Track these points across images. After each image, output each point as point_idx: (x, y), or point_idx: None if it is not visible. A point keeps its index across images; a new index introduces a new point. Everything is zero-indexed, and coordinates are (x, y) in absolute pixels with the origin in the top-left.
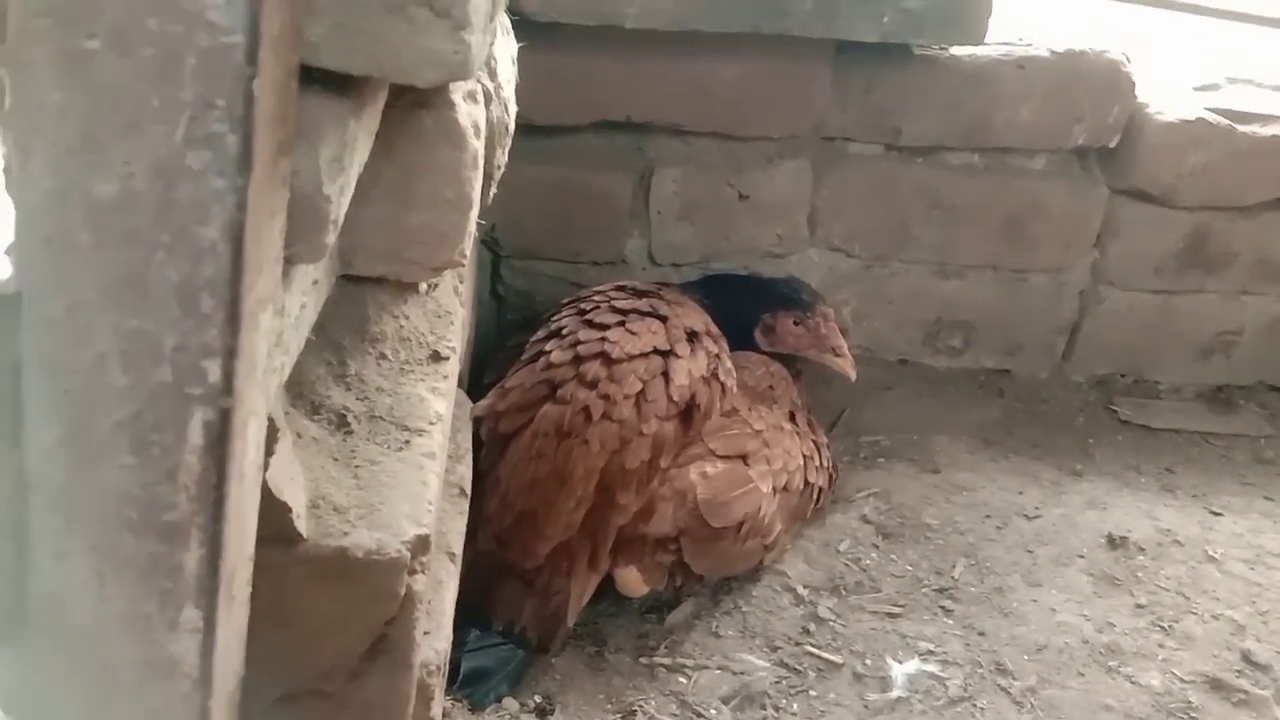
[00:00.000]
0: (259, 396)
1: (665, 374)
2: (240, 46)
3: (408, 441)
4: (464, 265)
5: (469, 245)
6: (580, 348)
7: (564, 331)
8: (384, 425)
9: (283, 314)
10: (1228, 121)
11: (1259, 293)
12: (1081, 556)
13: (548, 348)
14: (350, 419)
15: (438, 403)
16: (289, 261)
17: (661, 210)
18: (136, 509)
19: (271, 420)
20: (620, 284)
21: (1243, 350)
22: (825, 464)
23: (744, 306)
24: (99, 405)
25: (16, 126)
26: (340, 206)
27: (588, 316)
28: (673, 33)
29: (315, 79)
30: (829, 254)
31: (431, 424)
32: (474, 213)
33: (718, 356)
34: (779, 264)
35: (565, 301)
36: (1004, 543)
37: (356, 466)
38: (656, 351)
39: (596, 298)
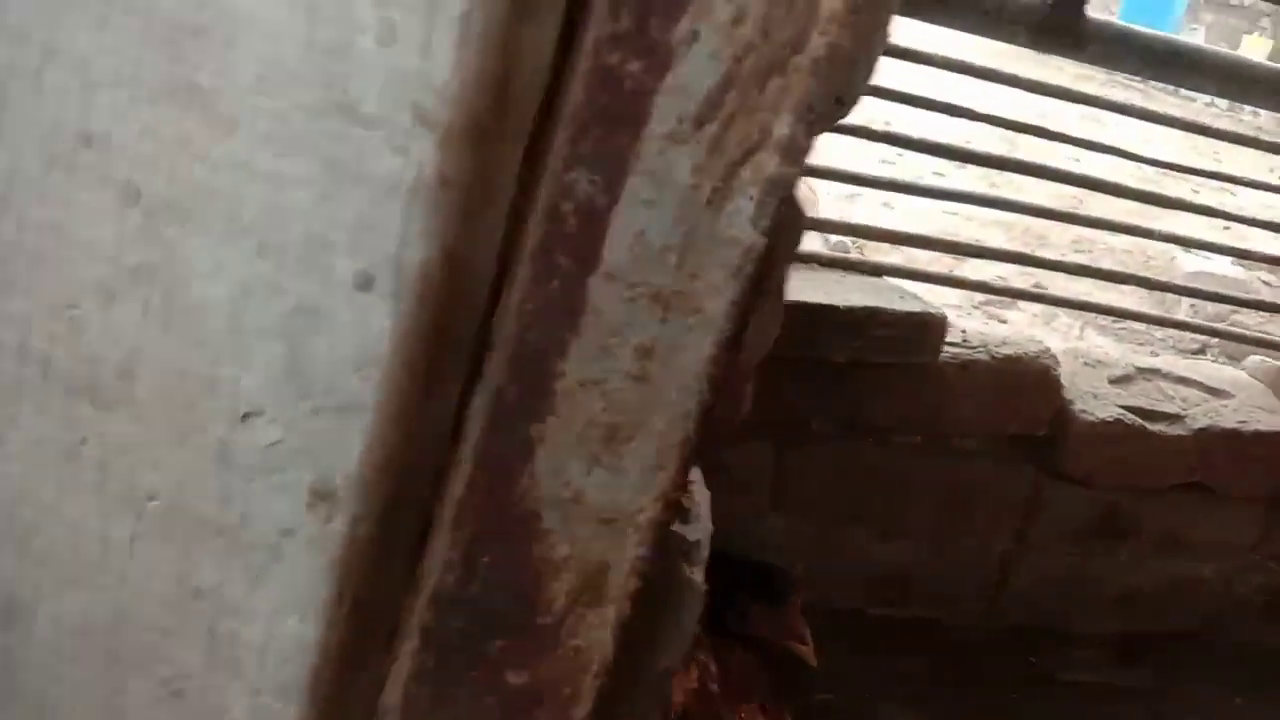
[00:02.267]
0: None
1: None
2: None
3: None
4: None
5: None
6: None
7: None
8: None
9: None
10: (1140, 421)
11: (1161, 557)
12: None
13: None
14: None
15: None
16: None
17: None
18: None
19: None
20: None
21: (1144, 604)
22: None
23: (719, 588)
24: None
25: None
26: None
27: None
28: None
29: None
30: (789, 518)
31: None
32: None
33: (706, 665)
34: (744, 526)
35: None
36: None
37: None
38: None
39: None
